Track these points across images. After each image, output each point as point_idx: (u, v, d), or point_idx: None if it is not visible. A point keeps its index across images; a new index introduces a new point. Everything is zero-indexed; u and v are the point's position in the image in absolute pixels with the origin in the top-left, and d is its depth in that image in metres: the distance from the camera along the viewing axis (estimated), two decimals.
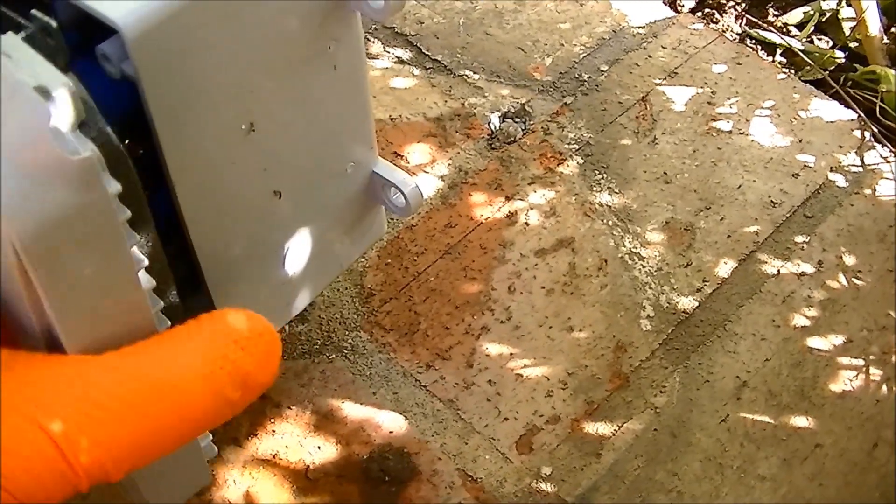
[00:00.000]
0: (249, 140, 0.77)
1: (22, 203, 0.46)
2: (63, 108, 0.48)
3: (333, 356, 1.09)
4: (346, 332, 1.11)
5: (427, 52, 1.37)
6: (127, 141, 0.73)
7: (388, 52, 1.37)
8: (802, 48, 1.44)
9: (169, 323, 0.57)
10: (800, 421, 1.07)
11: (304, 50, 0.77)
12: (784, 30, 1.47)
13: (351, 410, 1.05)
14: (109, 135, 0.53)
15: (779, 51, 1.44)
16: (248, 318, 0.54)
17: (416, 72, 1.35)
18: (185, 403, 0.49)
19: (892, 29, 1.45)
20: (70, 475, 0.44)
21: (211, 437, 0.67)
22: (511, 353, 1.10)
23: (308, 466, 1.02)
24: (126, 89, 0.67)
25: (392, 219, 1.15)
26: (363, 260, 1.15)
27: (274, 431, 1.04)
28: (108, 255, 0.51)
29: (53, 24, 0.66)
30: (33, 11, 0.66)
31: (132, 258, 0.52)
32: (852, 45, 1.45)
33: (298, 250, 0.89)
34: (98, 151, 0.49)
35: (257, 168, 0.80)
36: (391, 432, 1.04)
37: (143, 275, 0.55)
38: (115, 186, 0.50)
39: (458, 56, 1.37)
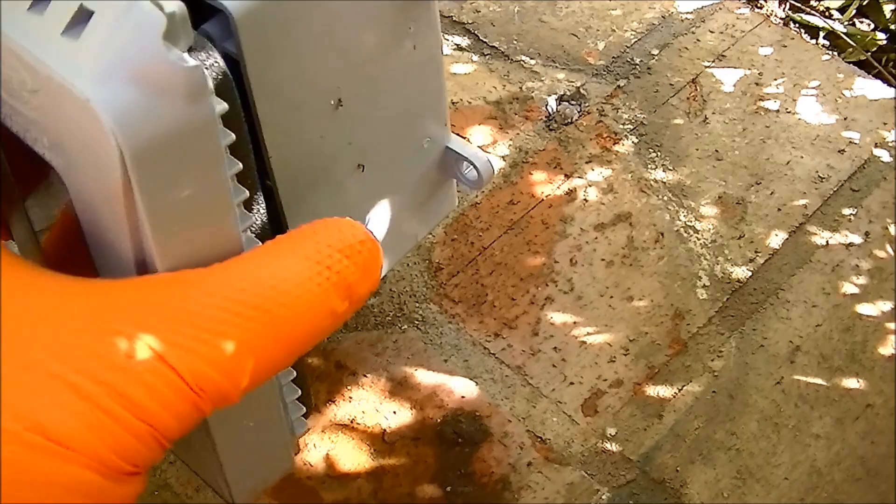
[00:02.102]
0: (337, 115, 0.82)
1: (134, 115, 0.46)
2: (176, 25, 0.48)
3: (405, 327, 1.14)
4: (417, 304, 1.16)
5: (484, 40, 1.42)
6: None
7: (448, 40, 1.42)
8: (845, 31, 1.48)
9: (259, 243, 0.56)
10: (851, 382, 1.11)
11: (388, 31, 0.82)
12: (826, 13, 1.51)
13: (424, 377, 1.10)
14: (217, 59, 0.53)
15: (822, 34, 1.48)
16: (350, 226, 0.53)
17: (475, 58, 1.40)
18: (292, 315, 0.46)
19: None
20: (192, 397, 0.42)
21: (303, 410, 0.70)
22: (574, 322, 1.14)
23: (385, 430, 1.07)
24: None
25: (459, 196, 1.20)
26: (431, 236, 1.20)
27: (351, 398, 1.09)
28: (210, 176, 0.51)
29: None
30: None
31: (230, 183, 0.53)
32: (893, 26, 1.48)
33: (378, 222, 0.94)
34: (206, 70, 0.50)
35: (343, 142, 0.85)
36: (463, 397, 1.09)
37: (239, 206, 0.55)
38: (221, 106, 0.51)
39: (515, 42, 1.42)
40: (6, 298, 0.43)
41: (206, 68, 0.51)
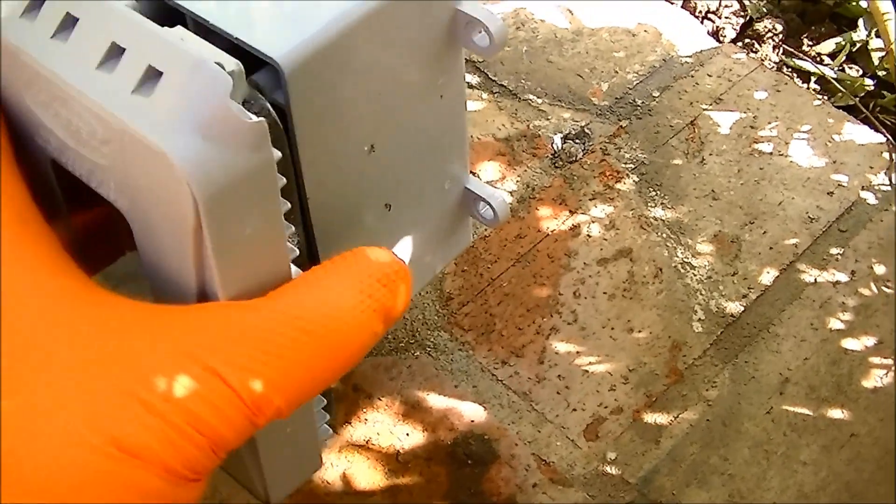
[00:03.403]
0: (370, 159, 0.88)
1: (205, 166, 0.51)
2: (235, 82, 0.54)
3: (418, 353, 1.20)
4: (429, 332, 1.22)
5: (494, 78, 1.49)
6: None
7: None
8: (835, 76, 1.54)
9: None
10: (837, 413, 1.17)
11: (420, 81, 0.89)
12: (818, 59, 1.57)
13: (435, 401, 1.17)
14: (270, 111, 0.59)
15: (813, 78, 1.55)
16: (383, 254, 0.59)
17: (485, 96, 1.46)
18: (340, 339, 0.51)
19: None
20: (248, 414, 0.48)
21: (328, 417, 0.75)
22: (578, 351, 1.21)
23: (399, 451, 1.13)
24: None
25: (478, 229, 1.25)
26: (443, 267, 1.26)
27: (366, 420, 1.15)
28: (268, 216, 0.56)
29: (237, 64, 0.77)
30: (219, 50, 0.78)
31: (283, 221, 0.59)
32: (881, 73, 1.54)
33: (401, 255, 1.00)
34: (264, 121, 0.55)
35: (374, 184, 0.91)
36: (473, 421, 1.15)
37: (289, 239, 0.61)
38: (277, 153, 0.57)
39: (523, 81, 1.49)
40: (88, 322, 0.49)
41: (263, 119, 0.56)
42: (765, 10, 1.63)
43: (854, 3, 1.60)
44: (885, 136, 1.45)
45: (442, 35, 0.87)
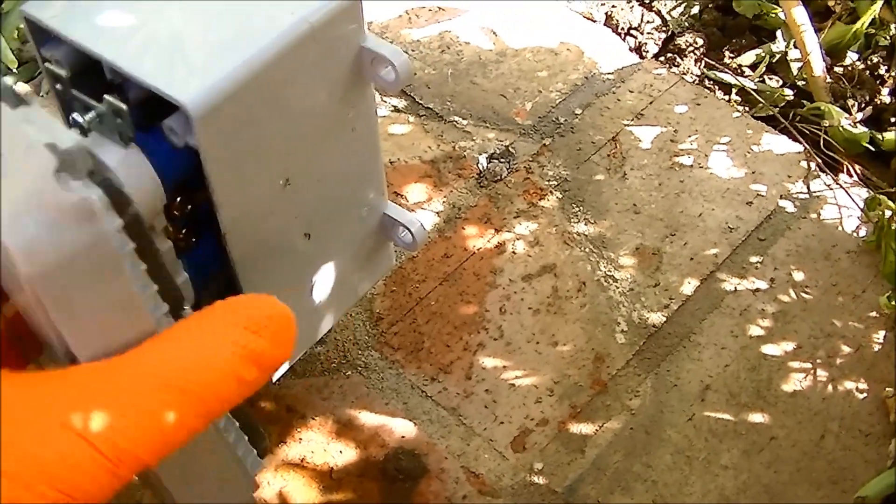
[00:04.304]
0: (285, 192, 0.91)
1: (35, 245, 0.52)
2: (71, 159, 0.54)
3: (349, 373, 1.23)
4: (360, 352, 1.25)
5: (420, 101, 1.53)
6: (179, 199, 0.88)
7: (385, 102, 1.51)
8: (755, 87, 1.58)
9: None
10: (756, 417, 1.21)
11: (330, 117, 0.92)
12: (739, 71, 1.62)
13: (367, 419, 1.20)
14: (112, 179, 0.58)
15: (734, 90, 1.59)
16: (259, 301, 0.58)
17: (411, 119, 1.50)
18: (203, 389, 0.51)
19: (835, 68, 1.60)
20: (110, 468, 0.48)
21: (254, 451, 0.77)
22: (504, 366, 1.24)
23: (332, 468, 1.16)
24: (184, 156, 0.81)
25: (397, 251, 1.28)
26: (372, 288, 1.29)
27: (301, 439, 1.18)
28: (112, 282, 0.56)
29: (123, 107, 0.80)
30: (106, 96, 0.81)
31: (133, 284, 0.57)
32: (800, 83, 1.59)
33: (323, 282, 1.04)
34: (102, 193, 0.55)
35: (291, 215, 0.95)
36: (403, 437, 1.19)
37: (152, 296, 0.60)
38: (117, 222, 0.56)
39: (448, 104, 1.52)
40: None
41: (105, 189, 0.56)
42: (686, 24, 1.67)
43: (773, 16, 1.65)
44: (804, 145, 1.49)
45: (349, 71, 0.90)
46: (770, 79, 1.61)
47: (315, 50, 0.85)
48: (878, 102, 1.55)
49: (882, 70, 1.58)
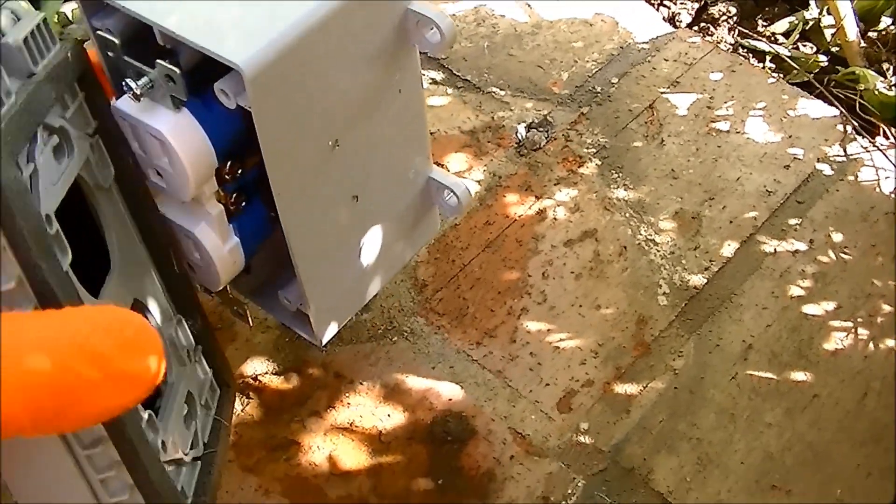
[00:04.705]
0: (334, 154, 0.93)
1: None
2: None
3: (396, 338, 1.25)
4: (406, 318, 1.27)
5: (458, 74, 1.54)
6: (230, 163, 0.90)
7: (424, 75, 1.52)
8: (789, 54, 1.59)
9: None
10: (799, 376, 1.22)
11: (377, 79, 0.94)
12: (772, 38, 1.62)
13: (414, 383, 1.22)
14: None
15: (768, 58, 1.59)
16: (121, 311, 0.57)
17: (450, 91, 1.51)
18: (33, 374, 0.51)
19: (869, 33, 1.60)
20: None
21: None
22: (548, 329, 1.26)
23: (381, 431, 1.18)
24: (234, 120, 0.83)
25: (444, 219, 1.28)
26: (416, 256, 1.31)
27: (349, 404, 1.20)
28: None
29: (176, 70, 0.82)
30: (158, 61, 0.82)
31: None
32: (834, 49, 1.59)
33: (370, 246, 1.05)
34: None
35: (340, 177, 0.96)
36: (450, 400, 1.20)
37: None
38: None
39: (486, 75, 1.54)
40: None
41: None
42: None
43: None
44: (839, 109, 1.50)
45: (395, 34, 0.92)
46: (804, 46, 1.62)
47: (362, 12, 0.87)
48: None
49: None
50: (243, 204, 0.95)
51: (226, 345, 1.23)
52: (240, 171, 0.92)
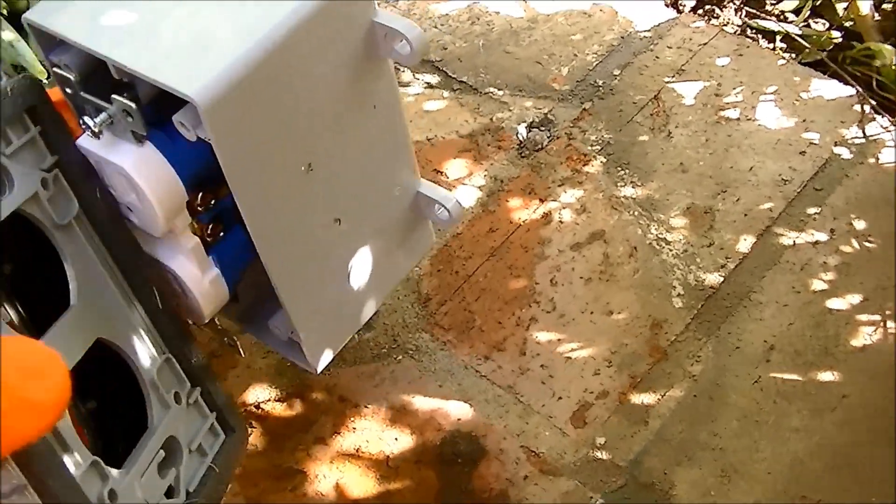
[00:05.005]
0: (309, 178, 0.89)
1: None
2: None
3: (400, 357, 1.20)
4: (410, 335, 1.22)
5: (453, 76, 1.49)
6: (201, 194, 0.86)
7: (419, 79, 1.48)
8: (800, 32, 1.53)
9: None
10: (825, 375, 1.16)
11: (348, 96, 0.89)
12: (782, 17, 1.57)
13: (421, 403, 1.17)
14: None
15: (778, 37, 1.54)
16: (25, 341, 0.62)
17: (446, 94, 1.46)
18: None
19: (883, 6, 1.54)
20: None
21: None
22: (559, 339, 1.21)
23: (388, 456, 1.13)
24: (200, 148, 0.79)
25: (440, 229, 1.25)
26: (418, 269, 1.26)
27: (355, 429, 1.15)
28: None
29: (132, 105, 0.78)
30: (114, 96, 0.79)
31: None
32: (847, 24, 1.53)
33: (361, 267, 1.01)
34: None
35: (318, 201, 0.92)
36: (459, 419, 1.15)
37: None
38: None
39: (482, 75, 1.49)
40: None
41: None
42: None
43: None
44: (856, 87, 1.44)
45: (362, 48, 0.87)
46: (815, 23, 1.56)
47: (323, 30, 0.82)
48: None
49: None
50: (221, 233, 0.91)
51: (226, 371, 1.20)
52: (213, 202, 0.88)
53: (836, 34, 1.53)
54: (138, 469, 0.83)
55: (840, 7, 1.55)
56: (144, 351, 0.88)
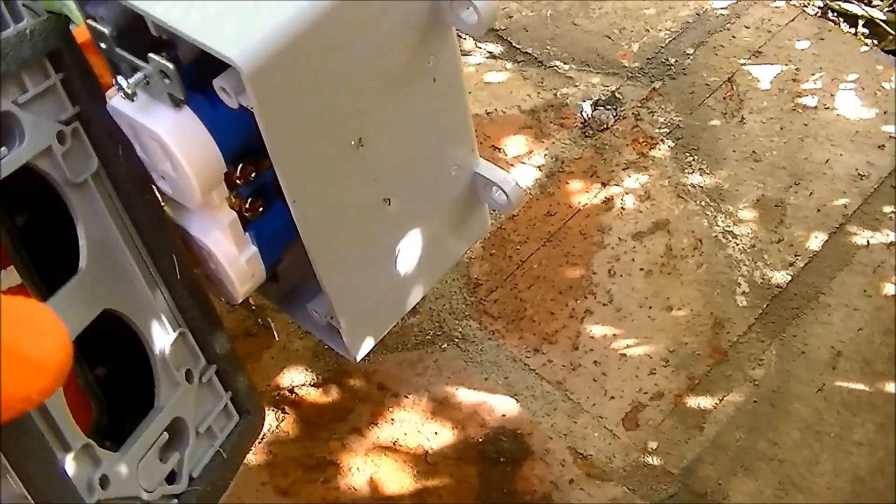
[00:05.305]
0: (359, 154, 0.83)
1: None
2: None
3: (445, 345, 1.15)
4: (457, 322, 1.17)
5: (518, 46, 1.43)
6: (241, 165, 0.80)
7: (481, 48, 1.42)
8: (884, 18, 1.46)
9: None
10: (894, 387, 1.10)
11: (406, 67, 0.83)
12: (866, 0, 1.50)
13: (465, 396, 1.11)
14: None
15: (861, 22, 1.47)
16: (21, 299, 0.58)
17: (509, 65, 1.40)
18: None
19: None
20: None
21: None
22: (614, 334, 1.15)
23: (427, 451, 1.08)
24: (242, 117, 0.73)
25: (494, 211, 1.20)
26: (469, 252, 1.20)
27: (393, 420, 1.10)
28: None
29: (170, 65, 0.72)
30: (150, 55, 0.73)
31: None
32: None
33: (409, 251, 0.95)
34: None
35: (367, 179, 0.86)
36: (504, 415, 1.10)
37: None
38: None
39: (548, 48, 1.42)
40: None
41: None
42: None
43: None
44: None
45: (424, 16, 0.81)
46: None
47: None
48: None
49: None
50: (261, 209, 0.86)
51: (261, 352, 1.15)
52: (254, 174, 0.83)
53: None
54: (137, 452, 0.78)
55: None
56: (157, 325, 0.83)
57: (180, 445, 0.84)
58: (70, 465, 0.71)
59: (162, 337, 0.83)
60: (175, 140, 0.74)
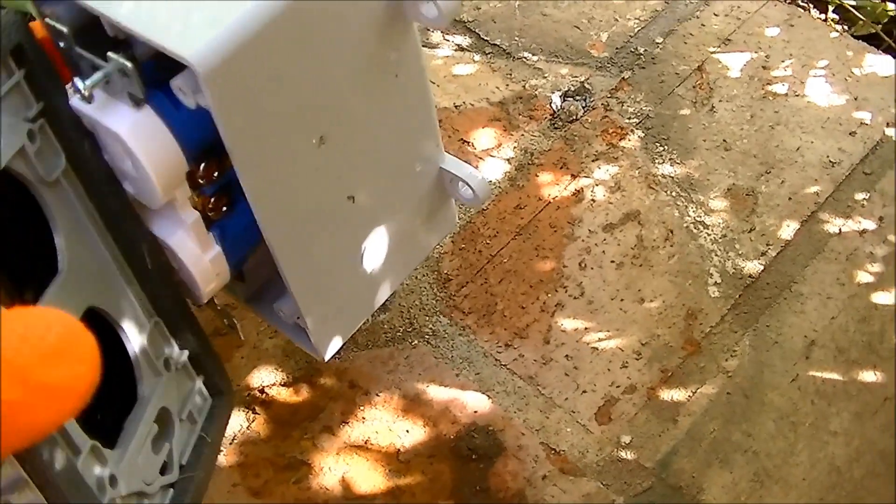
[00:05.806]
0: (321, 152, 0.82)
1: None
2: None
3: (416, 342, 1.14)
4: (427, 318, 1.15)
5: (486, 38, 1.41)
6: (204, 164, 0.79)
7: (448, 41, 1.41)
8: (854, 3, 1.45)
9: None
10: (868, 375, 1.10)
11: (367, 64, 0.82)
12: None
13: (436, 393, 1.10)
14: None
15: (831, 7, 1.46)
16: (42, 313, 0.51)
17: (477, 57, 1.39)
18: None
19: None
20: None
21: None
22: (586, 328, 1.14)
23: (399, 449, 1.07)
24: (205, 115, 0.72)
25: (463, 205, 1.19)
26: (439, 247, 1.19)
27: (364, 418, 1.09)
28: None
29: (129, 64, 0.71)
30: (109, 53, 0.72)
31: None
32: None
33: (376, 248, 0.94)
34: None
35: (330, 177, 0.85)
36: (476, 411, 1.09)
37: None
38: None
39: (517, 39, 1.41)
40: None
41: None
42: None
43: None
44: None
45: (385, 10, 0.80)
46: None
47: None
48: None
49: None
50: (225, 208, 0.84)
51: (231, 352, 1.14)
52: (217, 173, 0.81)
53: (891, 6, 1.45)
54: (135, 447, 0.77)
55: None
56: (134, 317, 0.81)
57: (169, 435, 0.83)
58: (83, 467, 0.70)
59: (140, 328, 0.81)
60: (135, 139, 0.73)
